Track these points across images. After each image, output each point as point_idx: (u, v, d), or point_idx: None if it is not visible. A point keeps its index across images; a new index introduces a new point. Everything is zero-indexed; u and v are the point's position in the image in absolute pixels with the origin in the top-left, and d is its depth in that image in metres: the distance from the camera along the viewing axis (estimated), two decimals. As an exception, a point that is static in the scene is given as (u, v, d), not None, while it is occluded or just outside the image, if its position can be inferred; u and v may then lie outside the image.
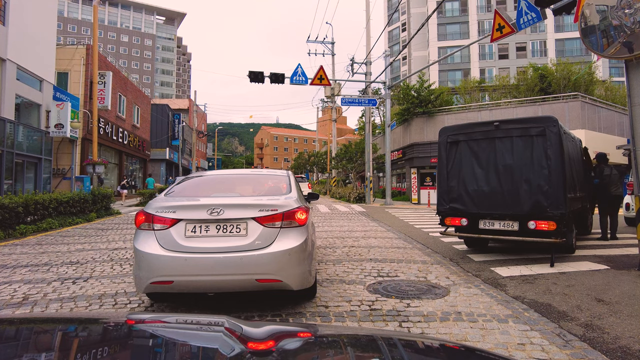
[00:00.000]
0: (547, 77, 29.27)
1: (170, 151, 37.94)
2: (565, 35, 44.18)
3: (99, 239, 8.90)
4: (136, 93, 28.28)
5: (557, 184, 5.82)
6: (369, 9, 24.56)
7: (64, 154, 19.38)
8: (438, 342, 1.19)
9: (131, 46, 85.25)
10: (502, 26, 11.14)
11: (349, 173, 38.51)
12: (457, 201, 6.71)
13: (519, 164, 6.15)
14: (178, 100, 54.61)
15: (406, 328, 3.49)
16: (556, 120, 6.07)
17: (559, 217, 5.76)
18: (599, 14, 6.01)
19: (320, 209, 18.06)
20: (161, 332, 1.13)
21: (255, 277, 3.45)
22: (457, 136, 6.90)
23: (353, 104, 22.29)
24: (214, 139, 65.42)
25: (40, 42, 16.24)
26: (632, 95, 5.88)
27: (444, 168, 6.96)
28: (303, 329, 1.27)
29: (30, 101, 16.24)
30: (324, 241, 8.31)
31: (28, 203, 9.86)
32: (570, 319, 3.79)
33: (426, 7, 46.81)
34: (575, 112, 23.35)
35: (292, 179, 4.59)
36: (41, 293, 4.56)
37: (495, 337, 3.26)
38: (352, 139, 57.38)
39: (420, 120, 26.62)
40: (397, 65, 53.84)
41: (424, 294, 4.45)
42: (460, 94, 34.65)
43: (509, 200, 6.17)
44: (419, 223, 12.53)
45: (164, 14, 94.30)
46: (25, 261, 6.37)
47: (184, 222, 3.51)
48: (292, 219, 3.61)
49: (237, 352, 0.91)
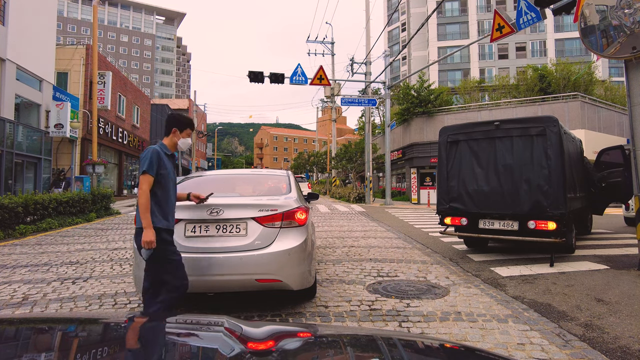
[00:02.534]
0: (546, 77, 29.29)
1: (170, 151, 37.87)
2: (565, 35, 44.18)
3: (99, 239, 8.90)
4: (136, 93, 28.27)
5: (557, 184, 5.81)
6: (369, 9, 24.58)
7: (63, 154, 19.37)
8: (438, 342, 1.20)
9: (131, 46, 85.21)
10: (501, 26, 11.14)
11: (348, 173, 38.51)
12: (457, 201, 6.70)
13: (519, 164, 6.14)
14: (178, 100, 54.58)
15: (406, 328, 3.49)
16: (556, 120, 6.07)
17: (559, 217, 5.76)
18: (598, 14, 6.01)
19: (320, 209, 18.06)
20: (161, 332, 1.12)
21: (255, 277, 3.45)
22: (457, 136, 6.89)
23: (353, 104, 22.30)
24: (214, 139, 65.38)
25: (40, 42, 16.24)
26: (632, 95, 5.88)
27: (444, 168, 6.96)
28: (303, 329, 1.27)
29: (29, 101, 16.24)
30: (323, 241, 8.31)
31: (28, 203, 9.85)
32: (570, 319, 3.79)
33: (426, 7, 46.79)
34: (575, 112, 23.35)
35: (292, 179, 4.59)
36: (41, 293, 4.56)
37: (495, 337, 3.26)
38: (352, 139, 57.40)
39: (420, 120, 26.62)
40: (396, 65, 53.84)
41: (423, 294, 4.45)
42: (460, 94, 34.67)
43: (508, 200, 6.16)
44: (418, 223, 12.53)
45: (164, 14, 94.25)
46: (25, 261, 6.36)
47: (184, 222, 3.51)
48: (292, 219, 3.61)
49: (237, 352, 0.91)
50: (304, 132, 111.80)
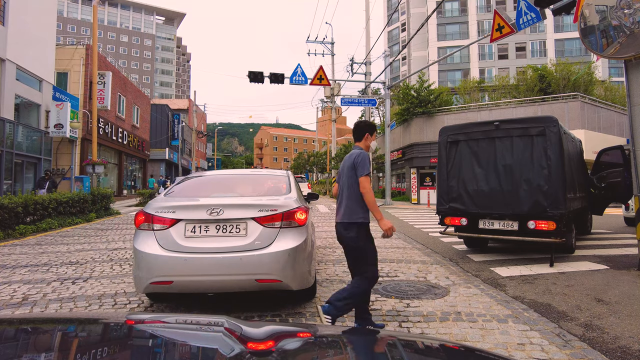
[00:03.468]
0: (546, 77, 29.30)
1: (170, 151, 37.93)
2: (564, 36, 44.20)
3: (99, 239, 8.90)
4: (136, 93, 28.27)
5: (556, 184, 5.82)
6: (369, 9, 24.58)
7: (63, 154, 19.37)
8: (438, 342, 1.20)
9: (131, 46, 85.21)
10: (501, 26, 11.15)
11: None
12: (456, 201, 6.71)
13: (519, 164, 6.15)
14: (178, 100, 54.58)
15: (406, 328, 3.49)
16: (556, 120, 6.08)
17: (559, 217, 5.77)
18: (598, 14, 6.02)
19: (320, 209, 18.06)
20: (161, 332, 1.12)
21: (255, 277, 3.45)
22: (457, 136, 6.89)
23: (353, 104, 22.31)
24: (214, 139, 65.36)
25: (39, 42, 16.24)
26: (632, 95, 5.88)
27: (444, 168, 6.96)
28: (303, 329, 1.27)
29: (29, 101, 16.24)
30: (323, 241, 8.31)
31: (27, 203, 9.85)
32: (570, 319, 3.79)
33: (426, 7, 46.79)
34: (574, 112, 23.36)
35: (292, 179, 4.59)
36: (41, 293, 4.56)
37: (495, 337, 3.26)
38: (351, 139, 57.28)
39: (419, 120, 26.62)
40: (396, 65, 53.85)
41: (423, 294, 4.45)
42: (460, 94, 34.67)
43: (508, 200, 6.17)
44: (418, 223, 12.53)
45: (164, 14, 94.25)
46: (25, 261, 6.36)
47: (184, 222, 3.51)
48: (291, 219, 3.61)
49: (237, 352, 0.90)
50: (303, 132, 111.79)
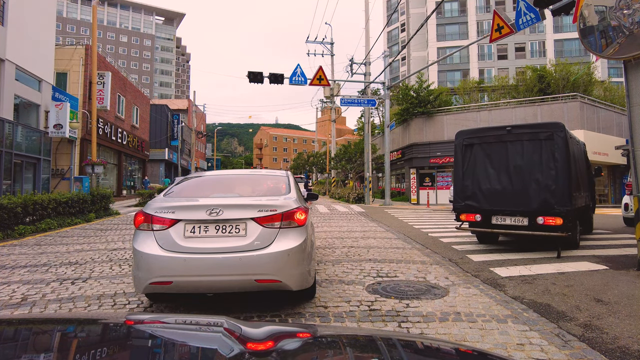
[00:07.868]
0: (546, 77, 29.33)
1: (170, 151, 37.94)
2: (564, 36, 44.22)
3: (98, 239, 8.89)
4: (135, 93, 28.25)
5: (563, 184, 6.40)
6: (368, 10, 24.57)
7: (62, 154, 19.35)
8: (437, 343, 1.20)
9: (130, 46, 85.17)
10: (501, 27, 11.16)
11: (348, 173, 38.51)
12: (471, 199, 7.28)
13: (529, 165, 6.74)
14: (177, 100, 54.57)
15: (405, 328, 3.48)
16: (563, 126, 6.67)
17: (565, 213, 6.34)
18: (597, 14, 6.03)
19: (320, 209, 18.05)
20: (160, 332, 1.12)
21: (255, 277, 3.45)
22: (472, 139, 7.50)
23: (352, 104, 22.31)
24: (213, 139, 65.34)
25: (39, 43, 16.21)
26: (631, 96, 5.89)
27: (459, 168, 7.54)
28: (302, 330, 1.27)
29: (29, 101, 16.22)
30: (323, 241, 8.31)
31: (27, 203, 9.84)
32: (569, 319, 3.79)
33: (425, 7, 46.82)
34: (574, 112, 23.38)
35: (292, 179, 4.59)
36: (40, 294, 4.55)
37: (495, 337, 3.26)
38: (351, 139, 57.42)
39: (419, 120, 26.63)
40: (396, 65, 53.86)
41: (423, 294, 4.45)
42: (460, 95, 34.70)
43: (519, 198, 6.76)
44: (418, 223, 12.53)
45: (163, 14, 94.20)
46: (24, 262, 6.35)
47: (183, 222, 3.51)
48: (291, 220, 3.61)
49: (237, 352, 0.90)
50: (303, 132, 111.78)
